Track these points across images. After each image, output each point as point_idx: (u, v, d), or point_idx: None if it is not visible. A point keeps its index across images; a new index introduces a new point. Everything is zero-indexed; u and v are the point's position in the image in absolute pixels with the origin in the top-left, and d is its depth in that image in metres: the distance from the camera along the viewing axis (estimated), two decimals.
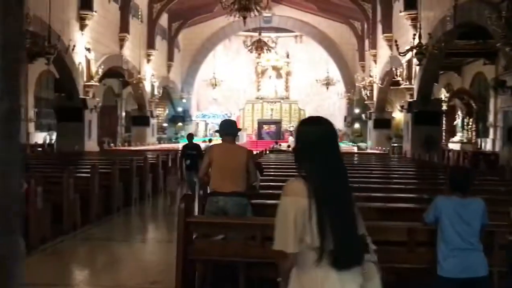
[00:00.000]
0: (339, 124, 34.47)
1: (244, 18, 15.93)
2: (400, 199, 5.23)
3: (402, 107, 15.90)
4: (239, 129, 5.05)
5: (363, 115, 26.14)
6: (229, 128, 4.61)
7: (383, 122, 22.76)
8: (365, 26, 26.07)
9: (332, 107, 36.08)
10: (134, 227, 8.17)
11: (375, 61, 22.69)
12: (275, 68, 37.02)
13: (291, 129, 34.94)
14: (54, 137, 19.10)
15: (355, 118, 29.61)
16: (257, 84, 37.38)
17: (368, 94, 22.91)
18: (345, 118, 30.29)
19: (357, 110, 29.22)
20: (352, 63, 30.15)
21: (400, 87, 16.01)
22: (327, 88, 32.17)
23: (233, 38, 35.57)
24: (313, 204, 1.78)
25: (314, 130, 2.04)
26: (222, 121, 5.12)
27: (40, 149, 17.42)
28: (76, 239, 6.76)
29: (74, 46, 13.87)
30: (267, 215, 4.21)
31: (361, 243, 1.83)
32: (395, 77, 16.21)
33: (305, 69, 36.59)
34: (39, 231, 5.93)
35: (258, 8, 15.99)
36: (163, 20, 26.00)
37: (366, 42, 25.86)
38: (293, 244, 1.77)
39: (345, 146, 26.17)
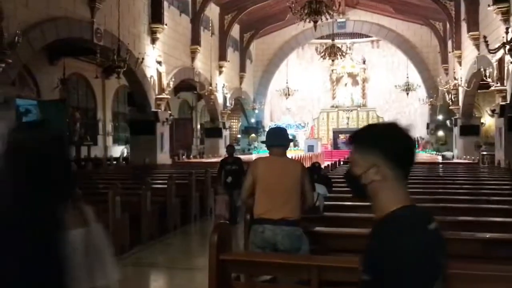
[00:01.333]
0: (421, 131, 32.53)
1: (315, 22, 15.19)
2: (499, 226, 4.19)
3: (493, 111, 14.27)
4: (291, 140, 4.06)
5: (447, 122, 24.25)
6: (278, 138, 3.70)
7: (471, 129, 20.85)
8: (447, 26, 24.31)
9: (413, 114, 34.15)
10: (184, 251, 7.27)
11: (459, 63, 20.91)
12: (350, 75, 35.82)
13: None
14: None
15: (439, 125, 27.60)
16: (332, 92, 36.37)
17: (453, 99, 21.14)
18: (428, 125, 28.35)
19: (440, 117, 27.24)
20: (434, 66, 28.25)
21: (489, 89, 14.39)
22: (407, 94, 30.36)
23: (306, 46, 34.92)
24: None
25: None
26: (269, 130, 4.28)
27: (115, 162, 17.76)
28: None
29: (143, 59, 13.91)
30: (329, 249, 3.43)
31: None
32: (484, 78, 14.62)
33: (383, 75, 35.04)
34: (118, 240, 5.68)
35: (330, 11, 15.18)
36: (235, 31, 25.96)
37: (449, 43, 24.05)
38: None
39: (427, 155, 24.40)
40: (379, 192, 1.37)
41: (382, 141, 1.40)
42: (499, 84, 14.11)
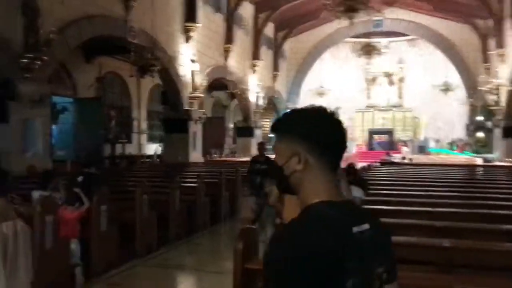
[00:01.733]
0: (458, 133, 31.51)
1: (351, 19, 14.84)
2: None
3: None
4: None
5: (488, 123, 23.34)
6: None
7: None
8: (489, 24, 23.40)
9: (451, 114, 33.13)
10: (212, 252, 7.02)
11: (503, 62, 20.07)
12: (386, 74, 35.00)
13: (406, 139, 32.70)
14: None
15: (479, 126, 26.61)
16: (367, 92, 35.68)
17: (496, 99, 20.30)
18: (467, 126, 27.37)
19: (480, 118, 26.27)
20: (474, 65, 27.23)
21: None
22: (446, 94, 29.45)
23: (341, 45, 34.36)
24: None
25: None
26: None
27: (148, 160, 17.89)
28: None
29: (175, 58, 13.91)
30: None
31: None
32: None
33: (420, 75, 34.11)
34: (144, 239, 5.61)
35: (366, 9, 14.81)
36: (269, 29, 25.78)
37: (492, 41, 23.13)
38: None
39: (465, 157, 23.55)
40: (300, 184, 1.21)
41: (304, 126, 1.21)
42: None
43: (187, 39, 16.42)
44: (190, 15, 16.22)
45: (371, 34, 29.66)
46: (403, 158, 15.75)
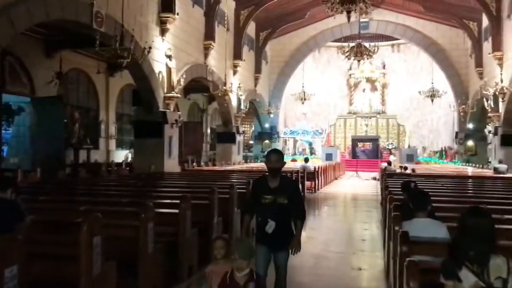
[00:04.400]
0: (444, 141, 30.38)
1: (348, 12, 13.23)
2: None
3: None
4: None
5: (485, 130, 22.18)
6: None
7: None
8: (482, 26, 22.29)
9: (436, 122, 32.07)
10: None
11: (500, 65, 18.82)
12: (369, 80, 33.85)
13: (390, 147, 31.39)
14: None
15: (468, 134, 25.42)
16: (349, 98, 34.45)
17: (492, 105, 19.04)
18: (457, 134, 26.17)
19: (471, 125, 25.09)
20: (465, 71, 26.14)
21: None
22: (432, 100, 28.23)
23: (323, 49, 33.02)
24: None
25: None
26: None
27: (116, 168, 15.78)
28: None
29: (150, 48, 11.95)
30: None
31: None
32: None
33: (404, 81, 33.08)
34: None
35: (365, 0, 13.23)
36: (251, 29, 24.05)
37: (485, 44, 21.99)
38: None
39: (454, 167, 22.24)
40: None
41: None
42: None
43: (163, 31, 14.51)
44: (166, 5, 14.33)
45: (356, 36, 28.25)
46: (405, 168, 14.12)
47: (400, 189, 6.37)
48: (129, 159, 18.76)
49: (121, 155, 19.69)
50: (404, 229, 3.31)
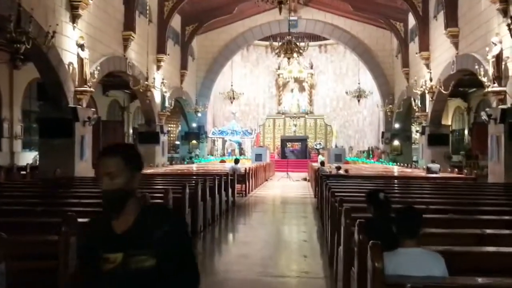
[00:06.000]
0: (370, 141, 30.70)
1: (280, 3, 12.34)
2: None
3: (489, 116, 12.05)
4: None
5: (416, 130, 22.42)
6: None
7: (440, 138, 18.92)
8: (409, 27, 22.52)
9: (362, 122, 32.39)
10: None
11: (427, 65, 18.93)
12: (297, 80, 33.57)
13: (318, 147, 31.24)
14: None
15: (394, 134, 25.71)
16: (278, 98, 33.95)
17: (420, 105, 19.12)
18: (383, 134, 26.38)
19: (397, 125, 25.38)
20: (391, 71, 26.43)
21: (487, 90, 12.16)
22: (359, 100, 28.42)
23: (252, 48, 32.26)
24: None
25: None
26: None
27: (23, 172, 13.77)
28: None
29: (54, 32, 10.26)
30: None
31: None
32: (479, 78, 12.40)
33: (331, 81, 33.18)
34: None
35: None
36: (176, 23, 22.62)
37: (411, 45, 22.21)
38: None
39: (382, 166, 22.27)
40: None
41: None
42: (496, 85, 11.92)
43: (74, 18, 12.79)
44: None
45: (282, 37, 27.71)
46: (338, 168, 13.47)
47: (354, 196, 5.44)
48: (37, 162, 16.67)
49: (29, 158, 17.53)
50: (386, 265, 2.28)
